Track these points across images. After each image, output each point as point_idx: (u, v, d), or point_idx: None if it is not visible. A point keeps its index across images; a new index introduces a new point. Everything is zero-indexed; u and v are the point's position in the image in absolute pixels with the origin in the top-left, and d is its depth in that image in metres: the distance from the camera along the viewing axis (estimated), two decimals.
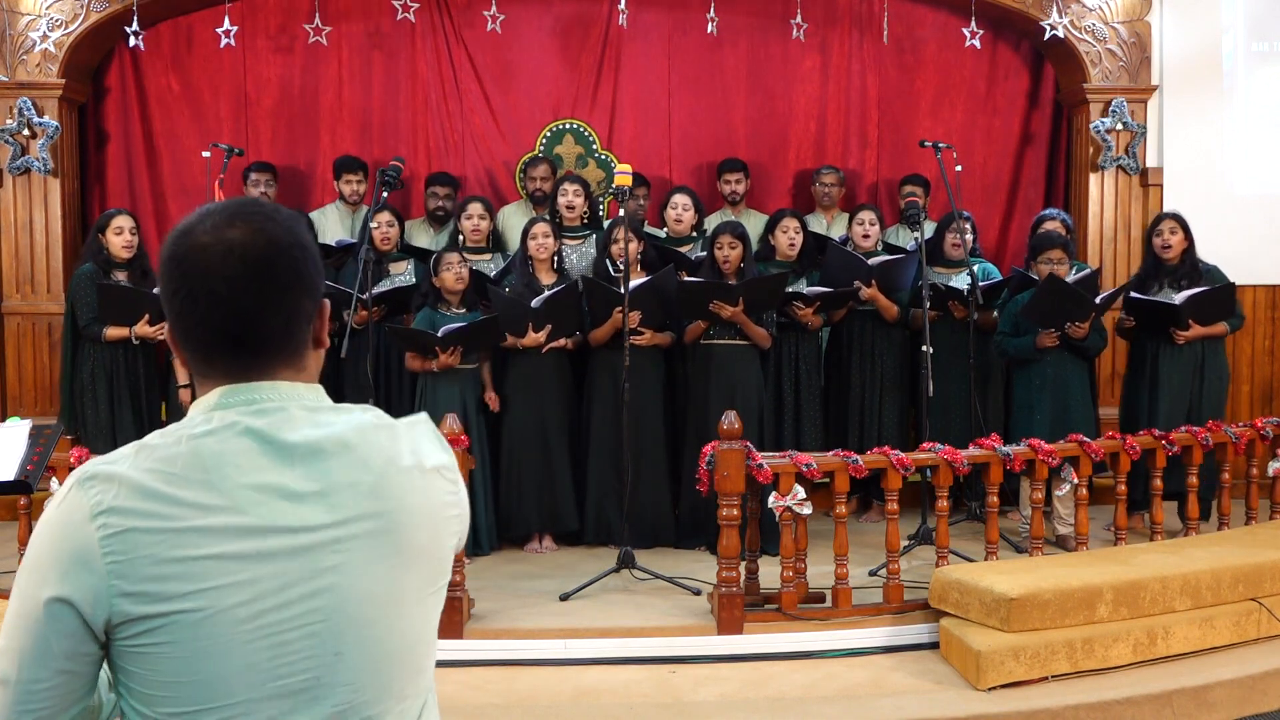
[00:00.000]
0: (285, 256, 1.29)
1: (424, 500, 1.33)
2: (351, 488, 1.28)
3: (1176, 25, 6.84)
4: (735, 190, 6.58)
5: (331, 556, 1.26)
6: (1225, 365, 5.86)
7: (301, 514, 1.25)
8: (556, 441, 5.58)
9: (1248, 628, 4.38)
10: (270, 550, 1.23)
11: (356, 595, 1.27)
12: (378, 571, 1.28)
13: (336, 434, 1.30)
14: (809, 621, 4.37)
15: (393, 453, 1.33)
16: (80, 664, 1.22)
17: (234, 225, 1.28)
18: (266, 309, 1.28)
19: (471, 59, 6.93)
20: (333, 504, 1.26)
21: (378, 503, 1.29)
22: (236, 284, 1.26)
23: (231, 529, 1.22)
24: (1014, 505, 5.86)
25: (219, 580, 1.21)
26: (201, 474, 1.23)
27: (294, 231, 1.32)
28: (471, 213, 5.95)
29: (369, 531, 1.28)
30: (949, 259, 6.02)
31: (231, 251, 1.26)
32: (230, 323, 1.27)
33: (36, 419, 4.81)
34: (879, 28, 6.56)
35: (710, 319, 5.46)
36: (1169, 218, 5.81)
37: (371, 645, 1.28)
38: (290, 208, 6.59)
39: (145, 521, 1.20)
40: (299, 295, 1.31)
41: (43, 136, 6.41)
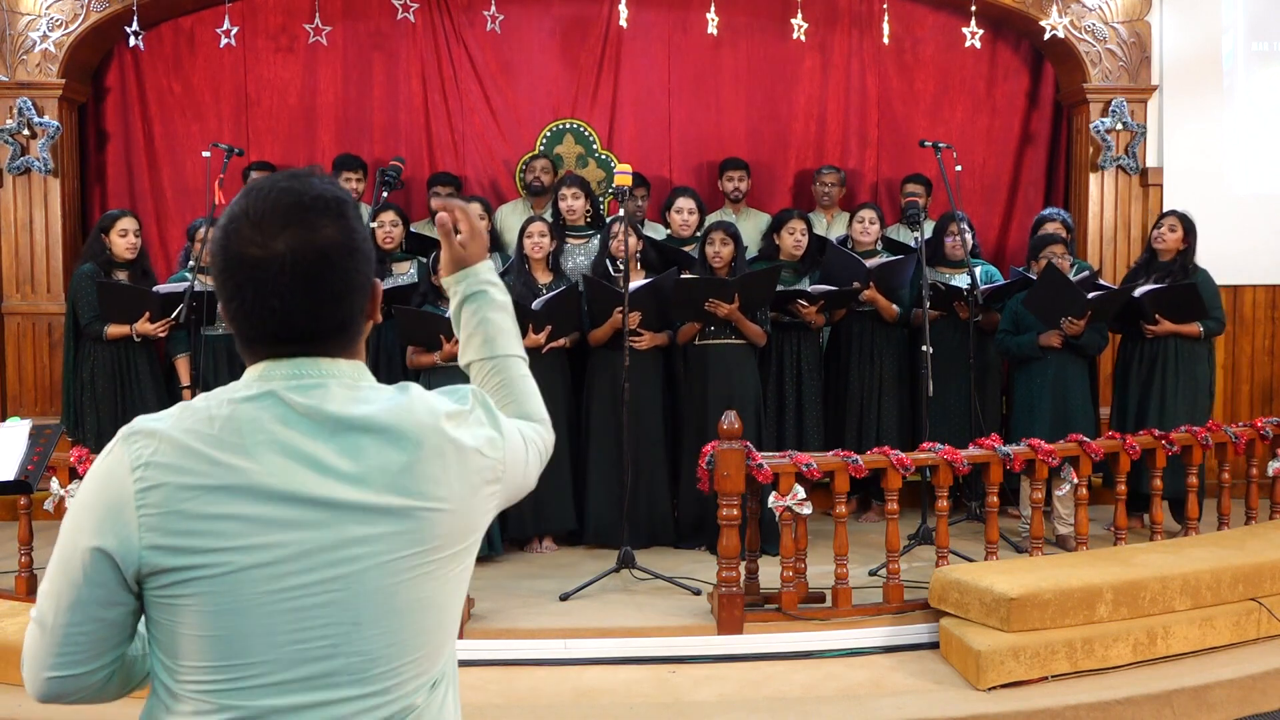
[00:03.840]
0: (337, 267, 1.31)
1: (457, 482, 1.34)
2: (382, 467, 1.29)
3: (1176, 25, 6.84)
4: (738, 188, 6.58)
5: (355, 529, 1.27)
6: (1204, 370, 5.77)
7: (329, 486, 1.27)
8: (558, 443, 5.56)
9: (1248, 628, 4.38)
10: (294, 518, 1.26)
11: (378, 569, 1.28)
12: (401, 548, 1.30)
13: (373, 412, 1.31)
14: (809, 621, 4.37)
15: (428, 434, 1.33)
16: (115, 612, 1.28)
17: (284, 233, 1.28)
18: (321, 315, 1.31)
19: (471, 59, 6.93)
20: (361, 480, 1.28)
21: (408, 484, 1.30)
22: (288, 299, 1.29)
23: (260, 492, 1.25)
24: (1014, 505, 5.86)
25: (243, 540, 1.24)
26: (236, 437, 1.26)
27: (346, 230, 1.32)
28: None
29: (395, 510, 1.29)
30: (949, 259, 6.02)
31: (283, 269, 1.27)
32: (281, 329, 1.31)
33: (36, 419, 4.81)
34: (879, 28, 6.55)
35: (705, 319, 5.46)
36: (1173, 215, 5.82)
37: (390, 617, 1.30)
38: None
39: (179, 477, 1.25)
40: (353, 299, 1.34)
41: (43, 136, 6.41)
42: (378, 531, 1.29)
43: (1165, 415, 5.61)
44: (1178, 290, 5.63)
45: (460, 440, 1.36)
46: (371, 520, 1.28)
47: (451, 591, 1.37)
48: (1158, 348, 5.72)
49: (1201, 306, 5.66)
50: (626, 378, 5.03)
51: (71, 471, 4.49)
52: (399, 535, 1.30)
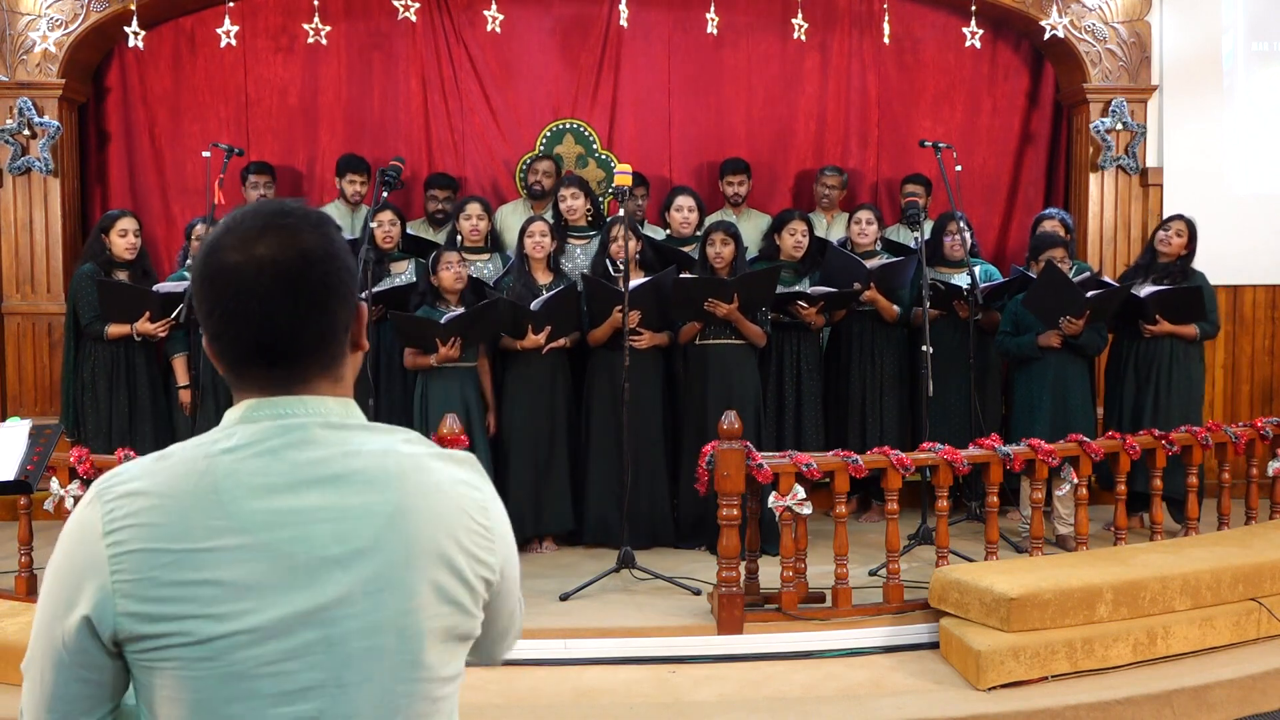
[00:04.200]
0: (318, 270, 1.27)
1: (446, 538, 1.28)
2: (366, 517, 1.24)
3: (1176, 25, 6.84)
4: (738, 192, 6.58)
5: (338, 587, 1.22)
6: (1198, 372, 5.80)
7: (311, 541, 1.22)
8: (556, 442, 5.58)
9: (1248, 628, 4.38)
10: (275, 580, 1.20)
11: (363, 627, 1.23)
12: (388, 605, 1.24)
13: (357, 459, 1.26)
14: (809, 621, 4.37)
15: (416, 484, 1.28)
16: (97, 674, 1.23)
17: (264, 239, 1.25)
18: (301, 325, 1.27)
19: (471, 59, 6.93)
20: (344, 532, 1.23)
21: (391, 537, 1.24)
22: (269, 302, 1.24)
23: (237, 553, 1.20)
24: (1014, 505, 5.86)
25: (221, 606, 1.19)
26: (214, 494, 1.21)
27: (326, 239, 1.29)
28: (470, 213, 5.95)
29: (381, 564, 1.24)
30: (949, 259, 6.03)
31: (263, 270, 1.24)
32: (265, 339, 1.26)
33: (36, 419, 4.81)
34: (879, 28, 6.55)
35: (705, 318, 5.46)
36: (1180, 219, 5.84)
37: (377, 679, 1.24)
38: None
39: (153, 542, 1.20)
40: (334, 307, 1.29)
41: (43, 136, 6.41)
42: (362, 589, 1.23)
43: (1160, 415, 5.61)
44: (1182, 293, 5.64)
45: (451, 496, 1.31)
46: (355, 575, 1.23)
47: (446, 653, 1.31)
48: (1155, 348, 5.73)
49: (1202, 309, 5.68)
50: (626, 378, 5.03)
51: (71, 471, 4.49)
52: (385, 582, 1.24)
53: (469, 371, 5.48)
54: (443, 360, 5.31)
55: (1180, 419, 5.46)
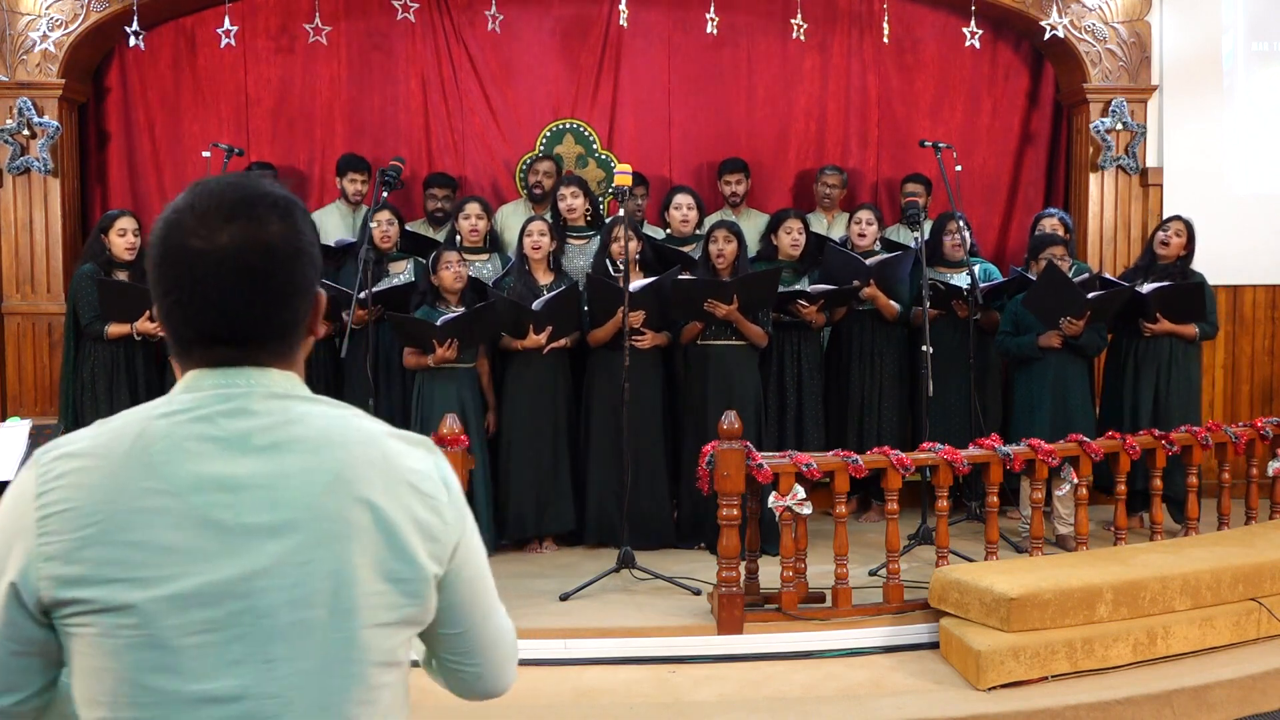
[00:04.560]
0: (282, 267, 1.23)
1: (389, 508, 1.22)
2: (302, 486, 1.19)
3: (1176, 25, 6.83)
4: (735, 191, 6.58)
5: (267, 556, 1.17)
6: (1197, 372, 5.81)
7: (241, 508, 1.17)
8: (556, 442, 5.58)
9: (1248, 628, 4.38)
10: (202, 546, 1.16)
11: (292, 600, 1.17)
12: (319, 577, 1.18)
13: (298, 427, 1.22)
14: (809, 621, 4.37)
15: (360, 453, 1.23)
16: (27, 645, 1.19)
17: (228, 226, 1.20)
18: (259, 317, 1.23)
19: (471, 59, 6.93)
20: (277, 499, 1.18)
21: (329, 505, 1.20)
22: (228, 295, 1.21)
23: (165, 516, 1.16)
24: (1014, 505, 5.86)
25: (146, 571, 1.15)
26: (145, 457, 1.18)
27: (293, 231, 1.25)
28: (469, 212, 5.95)
29: (314, 533, 1.19)
30: (948, 259, 6.03)
31: (224, 261, 1.20)
32: (220, 329, 1.22)
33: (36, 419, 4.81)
34: (879, 28, 6.55)
35: (705, 319, 5.46)
36: (1178, 220, 5.84)
37: (307, 656, 1.18)
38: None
39: (80, 502, 1.16)
40: (295, 302, 1.26)
41: (43, 136, 6.41)
42: (293, 559, 1.18)
43: (1159, 415, 5.61)
44: (1183, 289, 5.64)
45: (398, 471, 1.25)
46: (286, 545, 1.18)
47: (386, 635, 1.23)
48: (1155, 347, 5.73)
49: (1203, 308, 5.68)
50: (626, 378, 5.03)
51: None
52: (317, 553, 1.18)
53: (468, 372, 5.48)
54: (440, 361, 5.31)
55: (1179, 419, 5.47)
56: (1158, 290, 5.65)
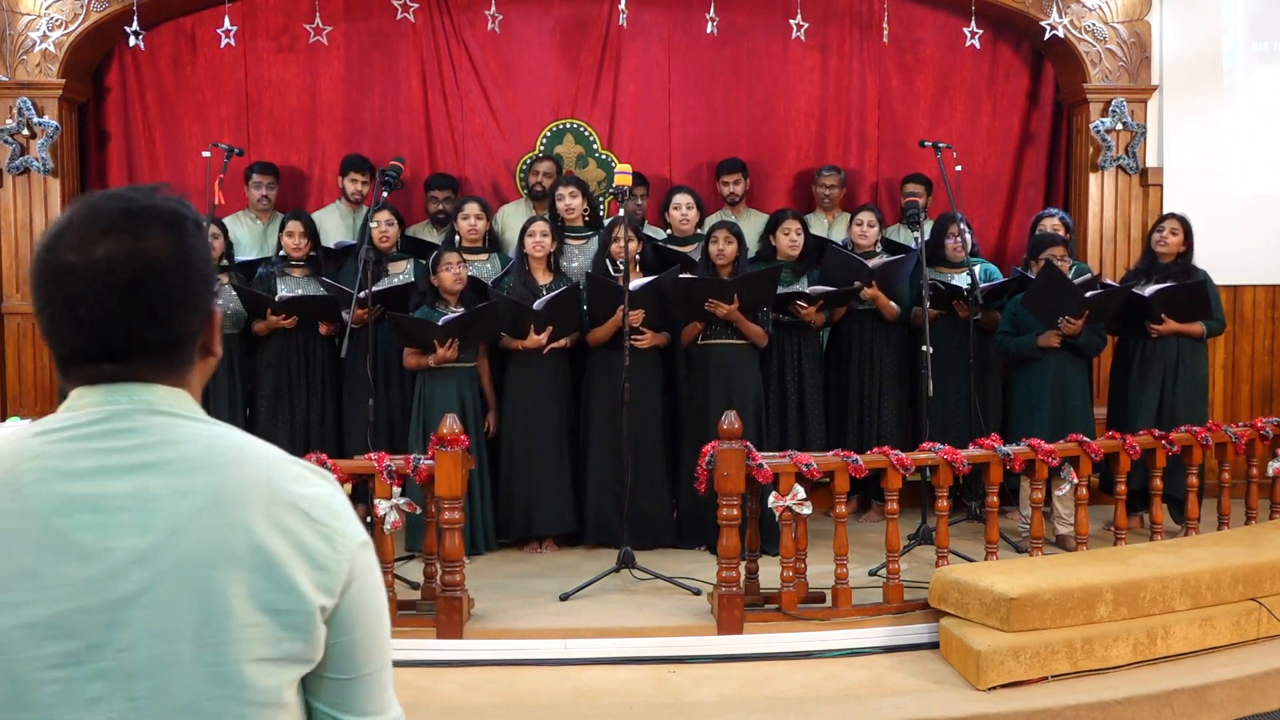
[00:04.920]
0: (163, 281, 1.15)
1: (271, 535, 1.13)
2: (174, 509, 1.11)
3: (1176, 25, 6.84)
4: (734, 191, 6.58)
5: (131, 584, 1.09)
6: (1204, 369, 5.80)
7: (107, 531, 1.10)
8: (555, 442, 5.58)
9: (1248, 628, 4.38)
10: (62, 568, 1.09)
11: (157, 633, 1.09)
12: (186, 608, 1.09)
13: (176, 447, 1.15)
14: (809, 621, 4.37)
15: (241, 475, 1.15)
16: None
17: (105, 240, 1.13)
18: (138, 334, 1.15)
19: (471, 59, 6.93)
20: (146, 525, 1.10)
21: (201, 530, 1.11)
22: (101, 311, 1.13)
23: (24, 538, 1.09)
24: (1014, 505, 5.86)
25: (4, 595, 1.08)
26: (12, 476, 1.12)
27: (179, 244, 1.16)
28: (468, 212, 5.95)
29: (183, 560, 1.10)
30: (949, 260, 6.03)
31: (98, 277, 1.12)
32: (93, 344, 1.15)
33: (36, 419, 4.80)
34: (879, 27, 6.55)
35: (706, 318, 5.46)
36: (1173, 218, 5.83)
37: (174, 695, 1.09)
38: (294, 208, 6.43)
39: None
40: (178, 317, 1.18)
41: (43, 136, 6.41)
42: (160, 589, 1.09)
43: (1165, 415, 5.60)
44: (1186, 289, 5.63)
45: (281, 494, 1.15)
46: (153, 572, 1.09)
47: (266, 672, 1.13)
48: (1161, 348, 5.71)
49: (1207, 305, 5.66)
50: (626, 378, 5.03)
51: None
52: (187, 583, 1.10)
53: (469, 371, 5.48)
54: (440, 361, 5.31)
55: (1186, 418, 5.45)
56: (1161, 292, 5.65)
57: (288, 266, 5.84)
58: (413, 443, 5.33)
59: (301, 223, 5.84)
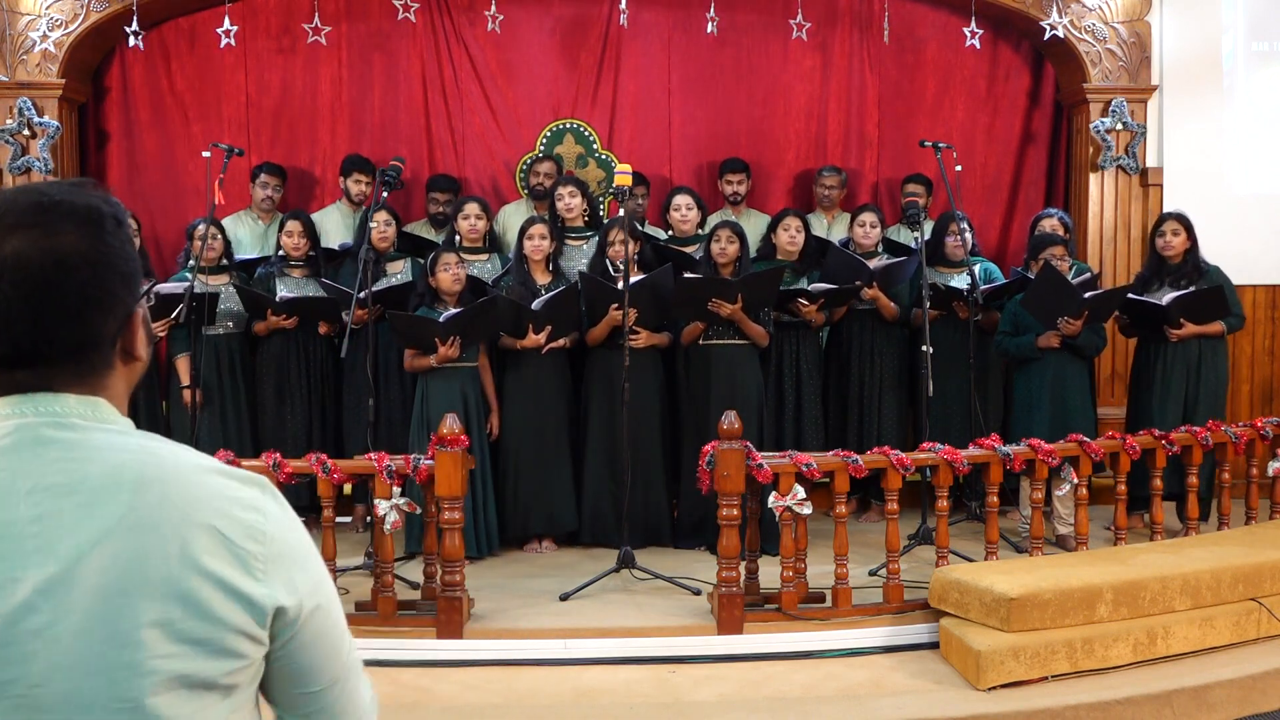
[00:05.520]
0: (75, 278, 1.08)
1: (184, 563, 1.06)
2: (80, 532, 1.04)
3: (1176, 25, 6.84)
4: (737, 191, 6.58)
5: (37, 616, 1.02)
6: (1224, 367, 5.81)
7: (12, 562, 1.03)
8: (555, 442, 5.58)
9: (1248, 628, 4.38)
10: None
11: (67, 666, 1.03)
12: (96, 640, 1.03)
13: (89, 465, 1.07)
14: (809, 621, 4.37)
15: (159, 496, 1.07)
16: None
17: (15, 234, 1.08)
18: (49, 335, 1.09)
19: (471, 59, 6.93)
20: (51, 549, 1.03)
21: (110, 554, 1.04)
22: (10, 309, 1.07)
23: None
24: (1014, 505, 5.86)
25: None
26: None
27: (94, 240, 1.10)
28: (468, 213, 5.95)
29: (92, 590, 1.03)
30: (949, 259, 6.02)
31: (4, 274, 1.06)
32: (3, 348, 1.09)
33: None
34: (879, 27, 6.55)
35: (708, 319, 5.46)
36: (1172, 218, 5.81)
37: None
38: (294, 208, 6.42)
39: None
40: (94, 319, 1.11)
41: (43, 137, 6.41)
42: (69, 619, 1.03)
43: (1189, 416, 5.56)
44: (1204, 294, 5.61)
45: (200, 515, 1.08)
46: (61, 599, 1.03)
47: (190, 712, 1.06)
48: (1182, 351, 5.69)
49: (1224, 306, 5.66)
50: (626, 377, 5.03)
51: None
52: (96, 611, 1.03)
53: (470, 371, 5.47)
54: (442, 360, 5.30)
55: (1209, 416, 5.43)
56: (1177, 300, 5.62)
57: (287, 266, 5.84)
58: (413, 443, 5.33)
59: (301, 222, 5.85)
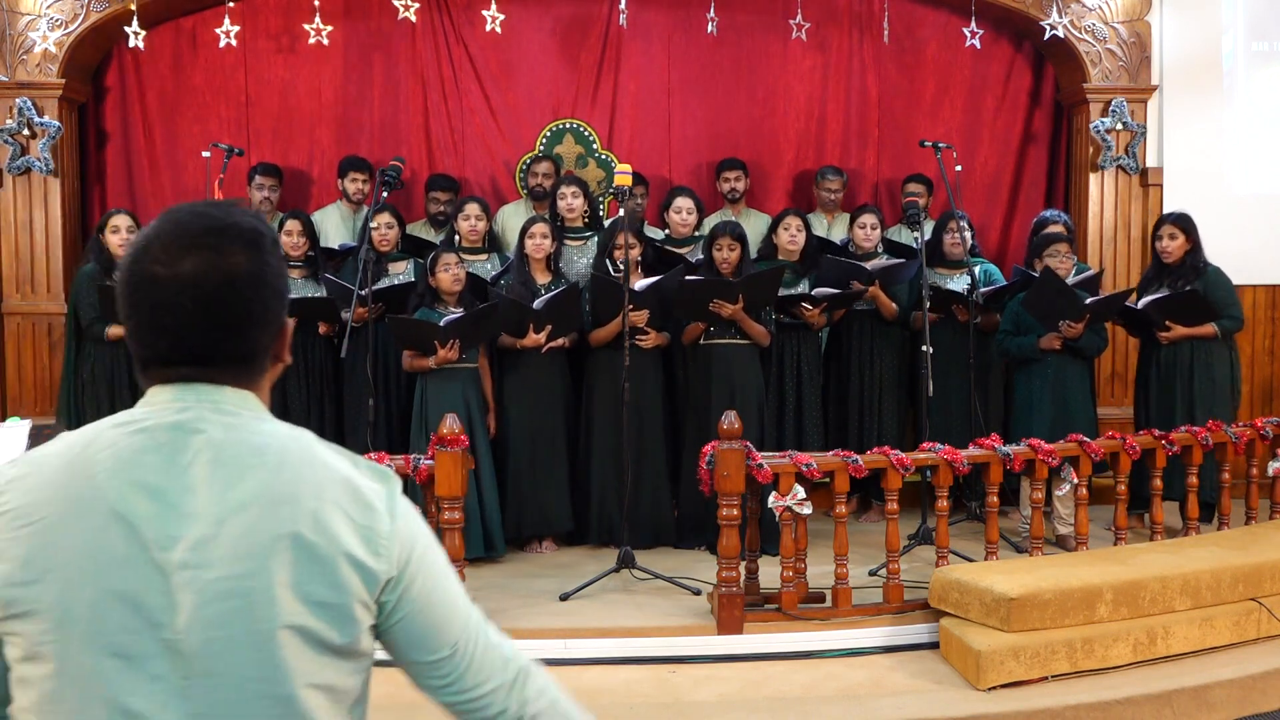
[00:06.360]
0: (242, 297, 1.24)
1: (315, 532, 1.20)
2: (227, 503, 1.19)
3: (1176, 25, 6.84)
4: (735, 188, 6.58)
5: (188, 572, 1.16)
6: (1224, 370, 5.72)
7: (166, 522, 1.17)
8: (554, 441, 5.58)
9: (1248, 628, 4.38)
10: (127, 555, 1.16)
11: (209, 619, 1.16)
12: (236, 598, 1.17)
13: (236, 445, 1.22)
14: (809, 621, 4.37)
15: (293, 474, 1.22)
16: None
17: (190, 255, 1.21)
18: (218, 345, 1.24)
19: (471, 59, 6.93)
20: (202, 517, 1.18)
21: (252, 524, 1.18)
22: (186, 322, 1.22)
23: (91, 522, 1.17)
24: (1014, 505, 5.86)
25: (71, 573, 1.15)
26: (87, 465, 1.19)
27: (258, 261, 1.25)
28: (469, 213, 5.95)
29: (233, 554, 1.17)
30: (949, 259, 6.02)
31: (184, 290, 1.21)
32: (174, 352, 1.24)
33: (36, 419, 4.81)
34: (879, 27, 6.55)
35: (710, 319, 5.46)
36: (1169, 221, 5.80)
37: (224, 678, 1.16)
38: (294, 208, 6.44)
39: (21, 504, 1.19)
40: (254, 333, 1.26)
41: (43, 137, 6.41)
42: (214, 580, 1.16)
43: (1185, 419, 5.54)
44: (1180, 297, 5.60)
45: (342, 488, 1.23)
46: (210, 563, 1.16)
47: (314, 669, 1.19)
48: (1174, 353, 5.69)
49: (1209, 308, 5.63)
50: (627, 378, 5.03)
51: None
52: (239, 576, 1.17)
53: (470, 372, 5.47)
54: (441, 362, 5.31)
55: (1205, 420, 5.41)
56: (1154, 303, 5.63)
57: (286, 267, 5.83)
58: (414, 444, 5.33)
59: (300, 222, 5.84)
